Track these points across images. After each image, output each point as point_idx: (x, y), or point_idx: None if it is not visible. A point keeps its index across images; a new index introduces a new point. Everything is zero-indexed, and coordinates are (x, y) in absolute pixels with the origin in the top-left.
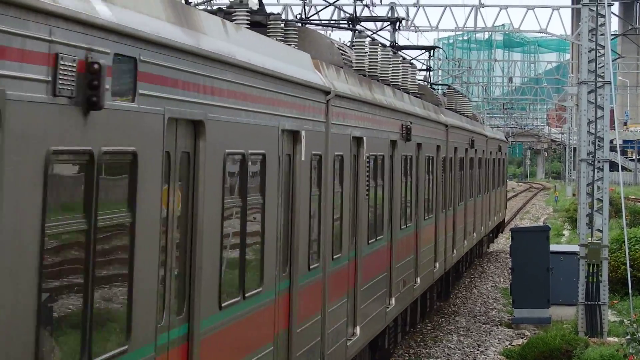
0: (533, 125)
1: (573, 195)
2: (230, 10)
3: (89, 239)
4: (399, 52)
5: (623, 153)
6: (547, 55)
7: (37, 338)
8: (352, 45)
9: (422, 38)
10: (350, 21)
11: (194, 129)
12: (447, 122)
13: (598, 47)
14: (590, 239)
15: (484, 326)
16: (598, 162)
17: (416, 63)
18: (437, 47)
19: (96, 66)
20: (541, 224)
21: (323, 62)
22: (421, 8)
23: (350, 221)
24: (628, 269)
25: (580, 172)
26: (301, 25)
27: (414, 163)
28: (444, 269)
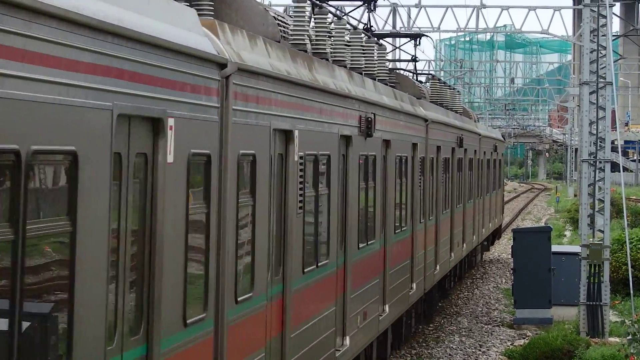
0: (535, 126)
1: (574, 195)
2: None
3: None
4: (380, 41)
5: (624, 154)
6: (549, 56)
7: None
8: (291, 14)
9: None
10: None
11: None
12: (428, 117)
13: (599, 48)
14: (591, 240)
15: (486, 327)
16: (599, 163)
17: (404, 59)
18: (424, 35)
19: None
20: (543, 225)
21: (226, 25)
22: (423, 9)
23: (272, 245)
24: (629, 270)
25: (581, 173)
26: None
27: (379, 165)
28: (423, 290)
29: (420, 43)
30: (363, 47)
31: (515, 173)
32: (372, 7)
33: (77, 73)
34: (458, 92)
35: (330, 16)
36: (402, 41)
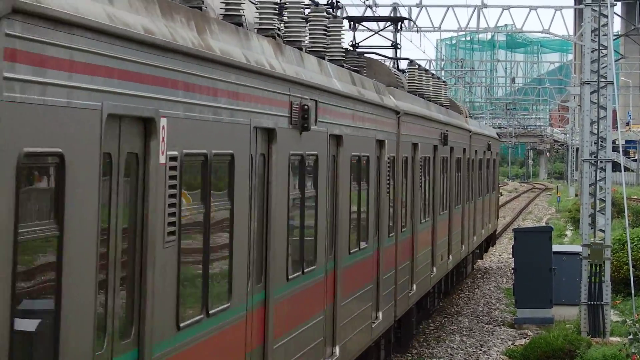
0: (535, 125)
1: (575, 195)
2: None
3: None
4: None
5: (625, 153)
6: (550, 55)
7: None
8: None
9: (424, 38)
10: None
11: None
12: (400, 108)
13: (600, 48)
14: (592, 239)
15: (487, 326)
16: (600, 163)
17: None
18: (406, 19)
19: None
20: (544, 225)
21: None
22: (424, 8)
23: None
24: (630, 269)
25: (582, 173)
26: None
27: (325, 166)
28: (394, 317)
29: (402, 28)
30: (307, 18)
31: (516, 173)
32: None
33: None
34: (444, 83)
35: None
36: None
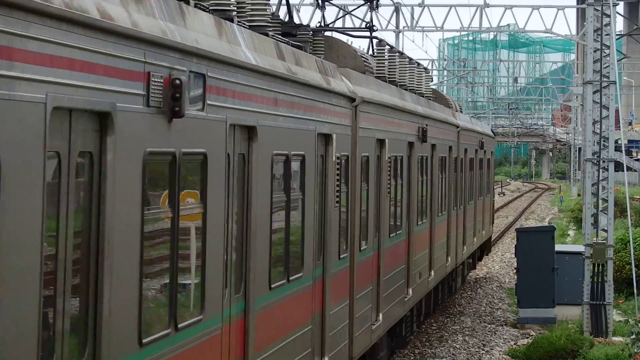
0: (538, 125)
1: (578, 195)
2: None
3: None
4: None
5: (628, 153)
6: (552, 55)
7: None
8: None
9: (426, 38)
10: None
11: None
12: (358, 95)
13: (603, 47)
14: (595, 239)
15: (489, 326)
16: (603, 162)
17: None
18: None
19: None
20: (546, 224)
21: None
22: (426, 8)
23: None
24: (633, 269)
25: (585, 172)
26: None
27: (235, 169)
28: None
29: (377, 7)
30: None
31: (518, 173)
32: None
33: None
34: (425, 70)
35: None
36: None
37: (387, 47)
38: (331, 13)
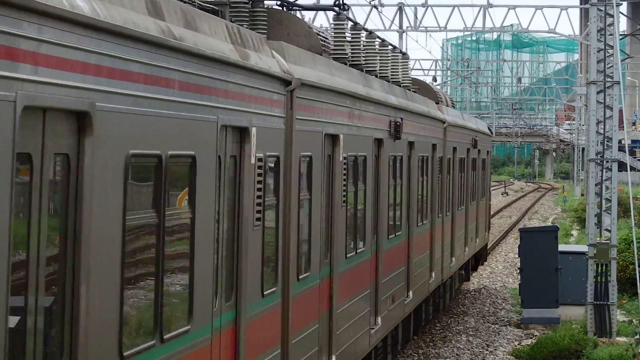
0: (542, 125)
1: (581, 195)
2: None
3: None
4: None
5: (631, 153)
6: (556, 55)
7: None
8: None
9: (430, 38)
10: None
11: None
12: (295, 76)
13: (606, 47)
14: (598, 239)
15: (493, 326)
16: (606, 162)
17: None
18: None
19: None
20: (550, 224)
21: None
22: (429, 8)
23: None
24: (637, 269)
25: (588, 172)
26: None
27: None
28: None
29: None
30: None
31: (522, 172)
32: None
33: None
34: (403, 54)
35: None
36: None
37: (350, 24)
38: None
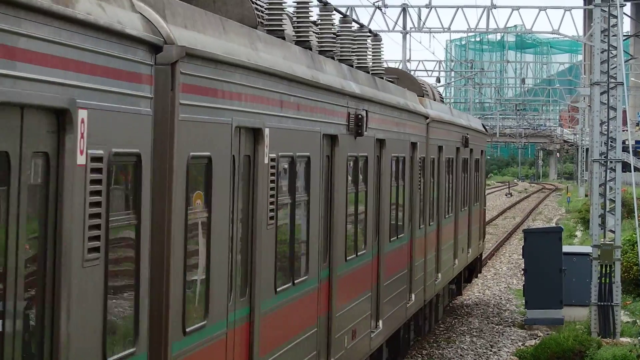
0: (545, 126)
1: (585, 196)
2: None
3: None
4: None
5: (635, 154)
6: (560, 56)
7: None
8: None
9: (433, 39)
10: None
11: None
12: (176, 43)
13: (610, 48)
14: (602, 240)
15: (497, 327)
16: (610, 163)
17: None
18: None
19: None
20: (554, 225)
21: None
22: (433, 9)
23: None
24: None
25: (592, 173)
26: None
27: None
28: None
29: None
30: None
31: (526, 173)
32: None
33: None
34: (374, 36)
35: None
36: None
37: None
38: None
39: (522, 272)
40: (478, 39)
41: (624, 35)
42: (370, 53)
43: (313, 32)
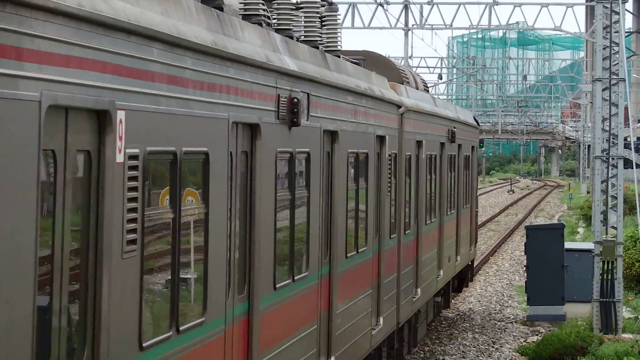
0: (547, 122)
1: (587, 192)
2: None
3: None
4: None
5: (637, 150)
6: (562, 52)
7: None
8: None
9: (435, 36)
10: None
11: None
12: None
13: (612, 45)
14: (604, 237)
15: (499, 323)
16: (612, 159)
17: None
18: None
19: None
20: (556, 222)
21: None
22: (435, 6)
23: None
24: None
25: (594, 170)
26: None
27: None
28: None
29: None
30: None
31: (528, 170)
32: None
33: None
34: (329, 3)
35: None
36: None
37: None
38: None
39: (524, 269)
40: (480, 36)
41: (626, 31)
42: (321, 25)
43: None
